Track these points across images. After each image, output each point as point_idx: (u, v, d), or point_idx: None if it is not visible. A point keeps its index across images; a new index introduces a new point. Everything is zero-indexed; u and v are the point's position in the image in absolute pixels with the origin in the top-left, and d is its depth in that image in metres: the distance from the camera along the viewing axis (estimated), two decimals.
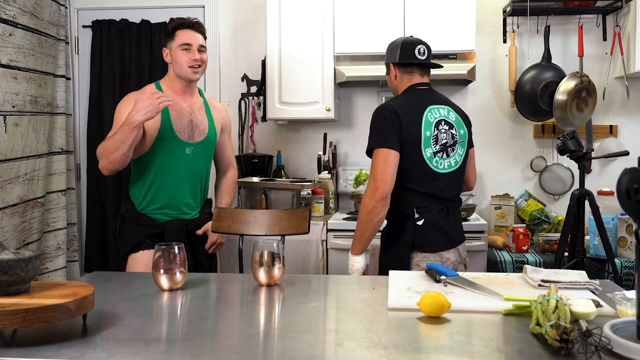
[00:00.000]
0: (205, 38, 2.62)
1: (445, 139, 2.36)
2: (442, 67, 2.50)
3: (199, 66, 2.56)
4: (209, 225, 2.67)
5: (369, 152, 2.33)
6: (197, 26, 2.58)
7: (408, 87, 2.42)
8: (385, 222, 2.42)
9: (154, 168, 2.54)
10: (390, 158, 2.24)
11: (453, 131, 2.39)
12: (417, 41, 2.41)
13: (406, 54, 2.39)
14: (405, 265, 2.28)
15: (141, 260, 2.51)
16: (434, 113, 2.36)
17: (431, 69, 2.48)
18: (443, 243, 2.33)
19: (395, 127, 2.27)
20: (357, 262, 2.37)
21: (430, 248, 2.30)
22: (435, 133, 2.33)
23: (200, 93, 2.72)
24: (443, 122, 2.36)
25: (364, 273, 2.41)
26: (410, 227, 2.30)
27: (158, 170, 2.54)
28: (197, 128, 2.60)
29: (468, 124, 2.51)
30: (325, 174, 3.73)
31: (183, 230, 2.59)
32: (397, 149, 2.26)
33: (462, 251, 2.42)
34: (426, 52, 2.41)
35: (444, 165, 2.35)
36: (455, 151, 2.39)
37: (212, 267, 2.81)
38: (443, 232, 2.33)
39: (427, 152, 2.31)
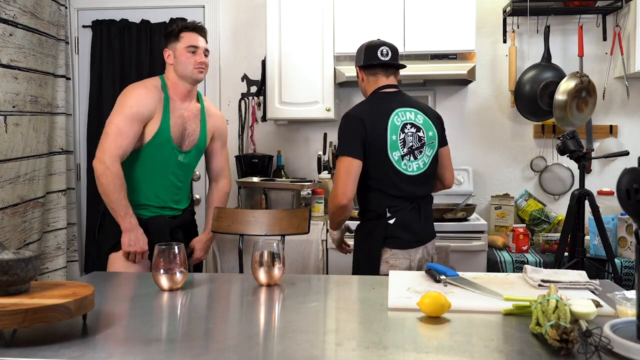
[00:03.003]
0: (206, 42, 2.61)
1: (412, 142, 2.40)
2: (405, 67, 2.53)
3: (204, 68, 2.56)
4: (195, 243, 2.71)
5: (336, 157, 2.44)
6: (202, 30, 2.58)
7: (374, 91, 2.47)
8: (357, 219, 2.53)
9: (142, 168, 2.50)
10: (352, 168, 2.33)
11: (420, 134, 2.42)
12: (381, 43, 2.46)
13: (369, 56, 2.45)
14: (376, 261, 2.37)
15: (121, 259, 2.47)
16: (400, 116, 2.40)
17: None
18: (412, 241, 2.39)
19: (359, 134, 2.33)
20: (335, 234, 2.58)
21: (399, 245, 2.37)
22: (402, 137, 2.38)
23: (200, 98, 2.68)
24: (409, 125, 2.40)
25: (342, 243, 2.62)
26: (382, 225, 2.38)
27: (147, 171, 2.51)
28: (188, 137, 2.59)
29: (438, 124, 2.51)
30: (325, 174, 3.73)
31: (168, 226, 2.57)
32: (360, 157, 2.33)
33: (430, 248, 2.49)
34: (390, 52, 2.44)
35: (413, 167, 2.40)
36: (423, 153, 2.43)
37: (198, 267, 2.81)
38: (412, 231, 2.39)
39: (395, 156, 2.36)
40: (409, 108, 2.44)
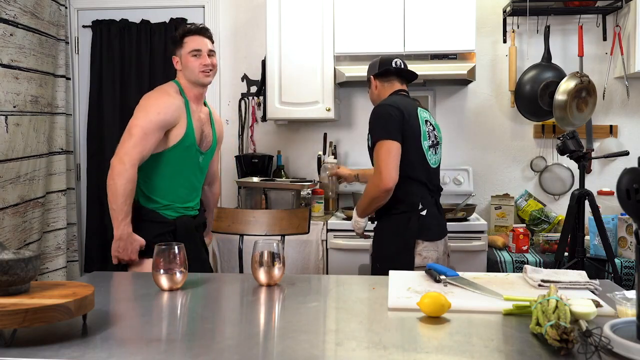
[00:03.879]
0: (212, 42, 2.60)
1: (433, 137, 2.53)
2: (417, 76, 2.65)
3: (210, 70, 2.54)
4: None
5: (373, 146, 2.42)
6: (204, 31, 2.57)
7: (392, 93, 2.56)
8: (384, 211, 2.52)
9: (168, 170, 2.50)
10: (393, 150, 2.36)
11: (435, 132, 2.57)
12: (395, 56, 2.62)
13: (384, 65, 2.57)
14: (410, 254, 2.39)
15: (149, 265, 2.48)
16: (422, 113, 2.53)
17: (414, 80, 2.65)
18: (439, 233, 2.48)
19: (397, 120, 2.39)
20: (362, 221, 2.57)
21: (431, 237, 2.43)
22: (427, 130, 2.50)
23: (205, 102, 2.70)
24: (428, 123, 2.54)
25: (365, 232, 2.62)
26: (415, 217, 2.42)
27: (172, 172, 2.51)
28: (205, 139, 2.61)
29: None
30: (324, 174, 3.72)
31: (193, 225, 2.58)
32: (400, 140, 2.38)
33: (446, 242, 2.57)
34: (402, 64, 2.59)
35: (434, 160, 2.52)
36: (438, 151, 2.56)
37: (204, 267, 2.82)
38: (438, 222, 2.49)
39: (425, 145, 2.47)
40: (424, 109, 2.58)
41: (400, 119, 2.38)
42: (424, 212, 2.42)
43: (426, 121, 2.52)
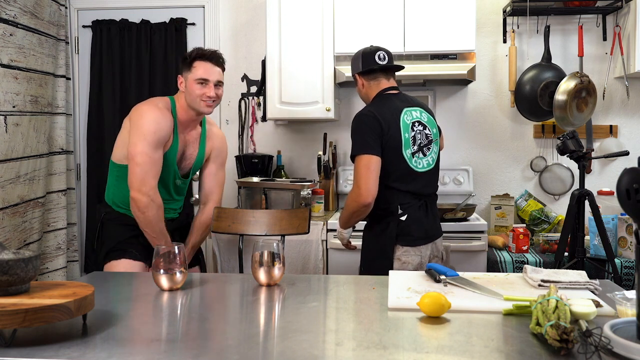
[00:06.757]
0: (223, 70, 2.51)
1: (421, 139, 2.46)
2: (403, 67, 2.59)
3: (213, 101, 2.45)
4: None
5: (352, 158, 2.42)
6: (216, 58, 2.46)
7: (378, 93, 2.52)
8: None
9: None
10: (372, 164, 2.34)
11: (427, 131, 2.50)
12: (377, 48, 2.54)
13: (367, 61, 2.51)
14: (388, 259, 2.38)
15: (120, 267, 2.44)
16: (408, 115, 2.46)
17: (398, 71, 2.59)
18: (422, 238, 2.43)
19: (376, 132, 2.36)
20: (346, 232, 2.60)
21: (411, 242, 2.40)
22: (413, 134, 2.44)
23: (202, 122, 2.62)
24: (417, 124, 2.47)
25: (349, 241, 2.65)
26: (394, 222, 2.40)
27: None
28: (185, 160, 2.57)
29: (435, 118, 2.62)
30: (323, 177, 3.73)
31: (169, 228, 2.55)
32: (379, 153, 2.35)
33: (438, 245, 2.54)
34: (386, 57, 2.52)
35: (422, 164, 2.46)
36: (430, 150, 2.50)
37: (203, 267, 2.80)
38: (422, 227, 2.43)
39: (407, 153, 2.41)
40: (414, 107, 2.51)
41: (378, 130, 2.35)
42: (403, 217, 2.39)
43: (414, 123, 2.44)
